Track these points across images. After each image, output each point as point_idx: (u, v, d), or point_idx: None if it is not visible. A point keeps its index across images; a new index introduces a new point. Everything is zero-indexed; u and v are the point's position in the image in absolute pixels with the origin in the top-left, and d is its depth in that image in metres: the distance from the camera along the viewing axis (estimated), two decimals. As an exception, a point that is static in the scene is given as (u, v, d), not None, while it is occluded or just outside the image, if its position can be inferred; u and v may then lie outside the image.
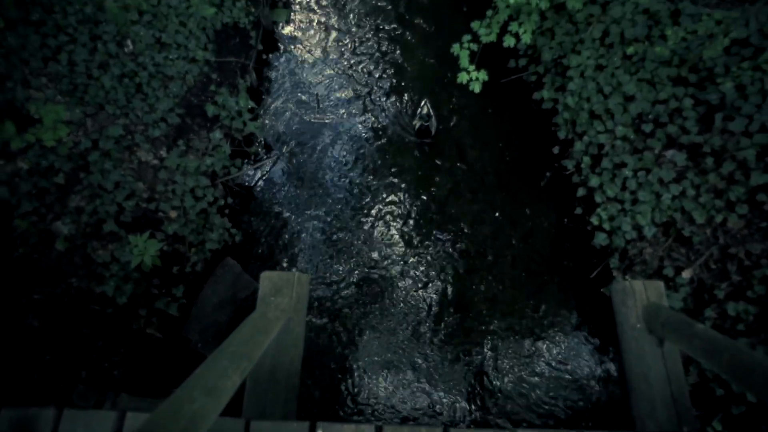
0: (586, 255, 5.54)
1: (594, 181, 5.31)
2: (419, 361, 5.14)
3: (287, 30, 7.55)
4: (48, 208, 5.06)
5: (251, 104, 6.20)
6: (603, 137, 5.41)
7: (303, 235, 5.81)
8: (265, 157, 6.36)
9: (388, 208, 5.96)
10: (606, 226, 5.15)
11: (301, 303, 3.34)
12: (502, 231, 5.75)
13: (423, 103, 6.40)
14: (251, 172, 6.24)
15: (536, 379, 5.06)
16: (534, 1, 5.04)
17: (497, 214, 5.85)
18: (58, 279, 4.85)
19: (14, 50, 5.35)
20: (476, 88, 4.83)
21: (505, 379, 5.05)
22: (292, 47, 7.36)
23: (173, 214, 5.25)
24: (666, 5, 5.45)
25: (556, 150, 5.91)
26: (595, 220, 5.24)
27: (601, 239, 5.19)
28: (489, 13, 5.14)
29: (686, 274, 4.83)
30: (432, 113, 6.30)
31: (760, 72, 4.59)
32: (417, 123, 6.32)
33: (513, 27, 5.03)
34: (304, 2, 7.86)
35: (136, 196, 5.22)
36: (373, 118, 6.64)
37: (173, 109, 5.67)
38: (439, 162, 6.24)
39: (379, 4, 7.70)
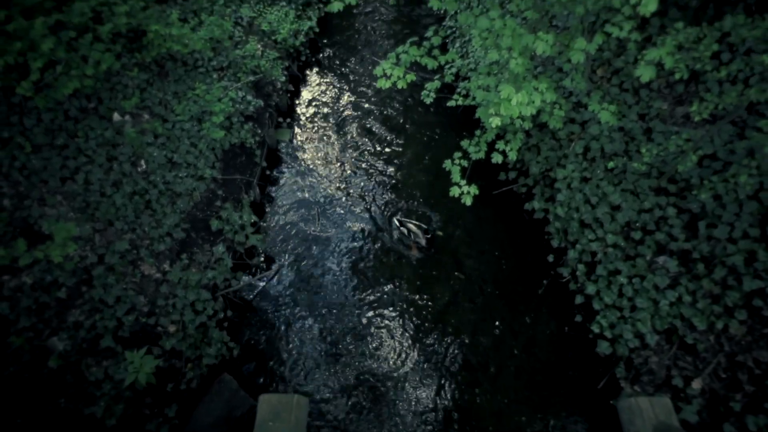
0: (591, 364, 5.40)
1: (591, 289, 5.37)
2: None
3: (290, 148, 8.11)
4: (46, 324, 5.03)
5: (254, 218, 6.46)
6: (595, 245, 5.59)
7: (302, 348, 5.70)
8: (265, 269, 6.46)
9: (387, 320, 5.93)
10: (607, 333, 5.10)
11: (300, 427, 3.21)
12: (503, 341, 5.67)
13: (406, 223, 6.70)
14: (252, 284, 6.30)
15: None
16: (518, 122, 5.52)
17: (497, 324, 5.81)
18: (48, 399, 4.66)
19: (36, 172, 5.72)
20: (468, 201, 5.10)
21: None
22: (294, 164, 7.86)
23: (172, 328, 5.21)
24: (639, 123, 5.97)
25: (550, 258, 6.05)
26: (595, 328, 5.20)
27: (604, 348, 5.11)
28: (477, 132, 5.61)
29: (696, 385, 4.68)
30: (416, 230, 6.57)
31: (733, 183, 4.90)
32: (412, 234, 6.55)
33: (500, 145, 5.46)
34: (307, 123, 8.55)
35: (137, 311, 5.23)
36: (370, 231, 6.88)
37: (179, 224, 5.91)
38: (436, 272, 6.35)
39: (374, 125, 8.38)
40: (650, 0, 3.06)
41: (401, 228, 6.65)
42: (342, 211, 7.15)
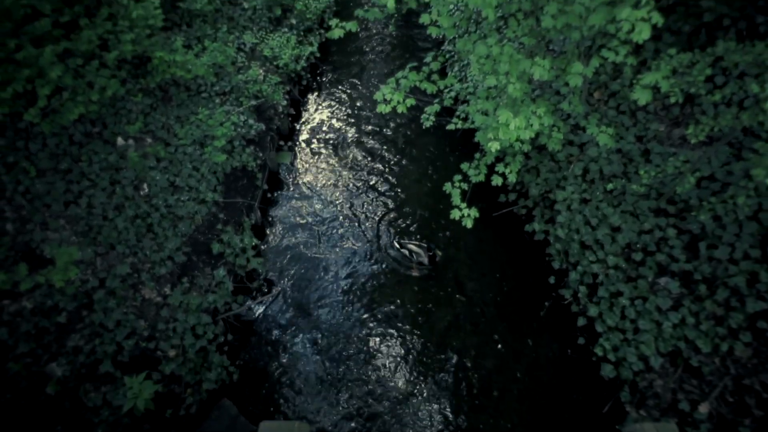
0: (595, 387, 5.32)
1: (593, 311, 5.34)
2: None
3: (291, 171, 8.18)
4: (45, 349, 5.00)
5: (255, 241, 6.48)
6: (596, 267, 5.58)
7: (303, 373, 5.64)
8: (266, 292, 6.45)
9: (388, 344, 5.89)
10: (611, 356, 5.05)
11: (299, 452, 3.16)
12: (505, 364, 5.61)
13: (406, 244, 6.72)
14: (252, 308, 6.27)
15: None
16: (517, 145, 5.58)
17: (499, 346, 5.76)
18: (45, 426, 4.60)
19: (40, 196, 5.77)
20: (468, 224, 5.12)
21: None
22: (295, 186, 7.91)
23: (172, 353, 5.17)
24: (636, 145, 6.02)
25: (552, 280, 6.03)
26: (599, 351, 5.15)
27: (607, 371, 5.05)
28: (477, 155, 5.66)
29: (703, 409, 4.61)
30: (417, 250, 6.58)
31: (731, 204, 4.92)
32: (414, 255, 6.56)
33: (500, 168, 5.51)
34: (307, 146, 8.64)
35: (137, 335, 5.20)
36: (371, 253, 6.88)
37: (180, 247, 5.92)
38: (437, 294, 6.32)
39: (374, 147, 8.47)
40: (643, 28, 3.14)
41: (402, 250, 6.66)
42: (342, 234, 7.16)
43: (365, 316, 6.15)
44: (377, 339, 5.92)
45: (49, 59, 5.38)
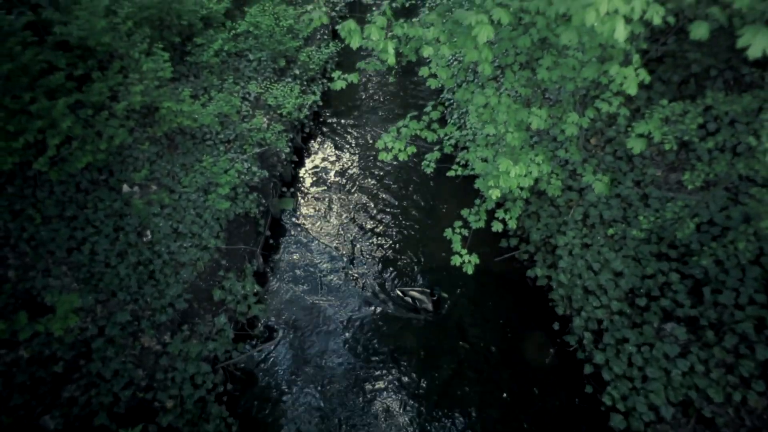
0: (606, 439, 5.15)
1: (599, 358, 5.24)
2: None
3: (293, 217, 8.25)
4: (39, 400, 4.89)
5: (257, 288, 6.45)
6: (600, 312, 5.53)
7: (303, 425, 5.47)
8: (267, 339, 6.36)
9: (391, 393, 5.74)
10: (620, 406, 4.91)
11: None
12: (511, 414, 5.44)
13: (408, 291, 6.71)
14: (253, 355, 6.16)
15: None
16: (516, 191, 5.66)
17: (504, 395, 5.61)
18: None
19: (44, 242, 5.80)
20: (469, 270, 5.12)
21: None
22: (297, 233, 7.95)
23: (170, 404, 5.05)
24: (635, 190, 6.11)
25: (556, 326, 5.96)
26: (607, 400, 5.02)
27: (617, 422, 4.90)
28: (477, 201, 5.73)
29: (718, 462, 4.44)
30: (419, 296, 6.56)
31: (732, 248, 4.93)
32: (417, 301, 6.51)
33: (500, 214, 5.57)
34: (310, 192, 8.75)
35: (134, 385, 5.09)
36: (372, 299, 6.83)
37: (182, 294, 5.89)
38: (440, 341, 6.23)
39: (376, 193, 8.57)
40: (632, 84, 3.27)
41: (405, 297, 6.62)
42: (343, 280, 7.14)
43: (367, 364, 6.03)
44: (379, 388, 5.78)
45: (61, 111, 5.56)
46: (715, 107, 4.59)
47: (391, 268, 7.24)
